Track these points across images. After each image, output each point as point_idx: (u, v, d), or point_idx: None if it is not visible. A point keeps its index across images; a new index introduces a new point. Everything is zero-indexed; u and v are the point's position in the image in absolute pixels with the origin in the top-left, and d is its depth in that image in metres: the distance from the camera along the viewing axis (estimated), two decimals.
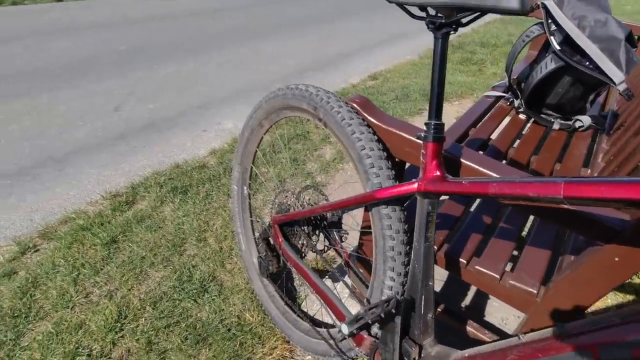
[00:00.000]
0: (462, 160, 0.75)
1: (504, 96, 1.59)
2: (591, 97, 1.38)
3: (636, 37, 1.88)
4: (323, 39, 4.85)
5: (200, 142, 2.38)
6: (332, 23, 5.78)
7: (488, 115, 1.50)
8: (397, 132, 0.81)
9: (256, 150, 1.18)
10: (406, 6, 0.62)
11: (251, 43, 4.58)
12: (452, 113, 2.77)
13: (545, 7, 1.25)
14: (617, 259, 0.67)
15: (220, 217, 1.63)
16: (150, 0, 7.84)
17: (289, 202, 1.04)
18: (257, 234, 1.30)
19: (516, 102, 1.53)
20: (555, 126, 1.44)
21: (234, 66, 3.77)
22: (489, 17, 6.56)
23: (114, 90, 3.11)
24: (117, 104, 2.88)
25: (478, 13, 0.56)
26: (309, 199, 1.05)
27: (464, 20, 0.58)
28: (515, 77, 1.59)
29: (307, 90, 0.89)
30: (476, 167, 0.74)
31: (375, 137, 0.79)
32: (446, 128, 0.68)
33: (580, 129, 1.42)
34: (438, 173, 0.65)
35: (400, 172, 0.92)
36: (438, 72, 0.63)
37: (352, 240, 1.48)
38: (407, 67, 3.75)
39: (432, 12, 0.62)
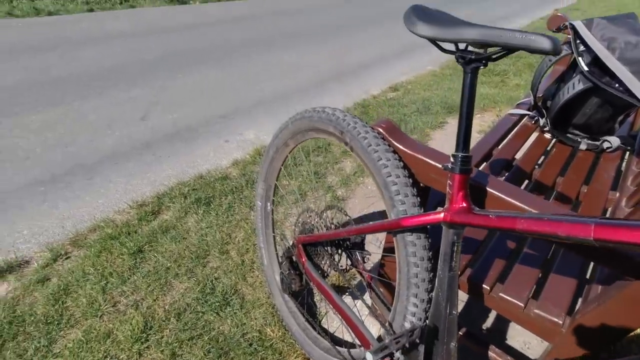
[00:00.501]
0: (488, 189, 0.75)
1: (528, 114, 1.57)
2: (620, 118, 1.35)
3: None
4: (343, 49, 4.88)
5: (222, 153, 2.43)
6: (354, 32, 5.81)
7: (512, 133, 1.49)
8: (423, 158, 0.82)
9: (281, 168, 1.21)
10: (437, 41, 0.63)
11: (274, 52, 4.66)
12: (475, 126, 2.74)
13: (573, 28, 1.23)
14: None
15: (242, 229, 1.67)
16: (177, 10, 8.08)
17: (312, 222, 1.06)
18: (279, 250, 1.32)
19: (541, 121, 1.51)
20: (582, 146, 1.41)
21: (255, 76, 3.84)
22: (515, 24, 6.47)
23: (141, 99, 3.22)
24: (144, 113, 2.98)
25: (507, 50, 0.57)
26: (332, 218, 1.06)
27: (494, 56, 0.59)
28: (540, 95, 1.57)
29: (333, 114, 0.91)
30: (502, 196, 0.74)
31: (401, 164, 0.80)
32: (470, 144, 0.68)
33: (609, 150, 1.39)
34: (464, 205, 0.66)
35: (425, 196, 0.92)
36: (466, 106, 0.64)
37: (374, 257, 1.49)
38: (428, 78, 3.73)
39: (462, 46, 0.63)
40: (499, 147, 1.41)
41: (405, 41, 5.22)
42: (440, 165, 0.80)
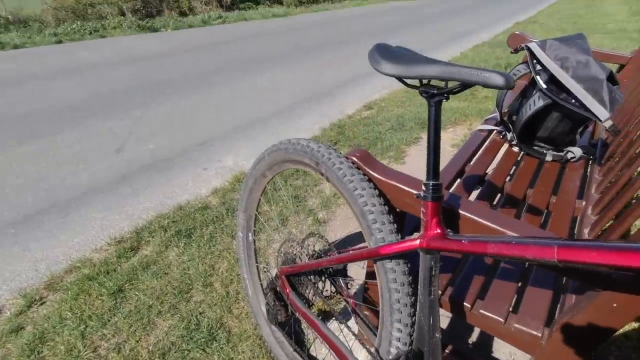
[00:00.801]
0: (461, 212, 0.78)
1: (496, 129, 1.64)
2: (580, 130, 1.43)
3: (618, 65, 1.96)
4: (318, 70, 4.99)
5: (201, 181, 2.42)
6: (328, 53, 5.95)
7: (482, 149, 1.55)
8: (397, 185, 0.85)
9: (260, 198, 1.21)
10: (402, 79, 0.66)
11: (249, 77, 4.71)
12: (447, 140, 2.83)
13: (529, 49, 1.32)
14: (615, 305, 0.69)
15: (225, 260, 1.65)
16: (148, 38, 8.08)
17: (294, 252, 1.07)
18: (264, 280, 1.31)
19: (509, 135, 1.58)
20: (548, 158, 1.48)
21: (231, 101, 3.86)
22: (478, 39, 6.76)
23: (116, 130, 3.18)
24: (119, 145, 2.94)
25: (466, 86, 0.61)
26: (314, 246, 1.07)
27: (454, 90, 0.63)
28: (505, 111, 1.65)
29: (308, 145, 0.93)
30: (475, 218, 0.77)
31: (377, 192, 0.83)
32: (442, 159, 0.70)
33: (572, 160, 1.46)
34: (439, 231, 0.68)
35: (402, 221, 0.94)
36: (433, 136, 0.67)
37: (359, 278, 1.49)
38: (401, 94, 3.84)
39: (425, 81, 0.66)
40: (471, 163, 1.46)
41: None
42: (414, 192, 0.82)
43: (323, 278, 1.05)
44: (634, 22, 8.01)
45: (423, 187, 0.69)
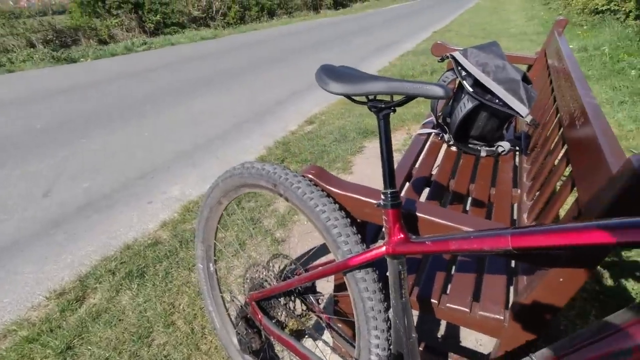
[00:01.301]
0: (418, 214, 0.83)
1: (434, 132, 1.76)
2: (505, 126, 1.58)
3: (527, 65, 2.21)
4: (255, 89, 4.98)
5: (147, 216, 2.28)
6: (263, 72, 5.97)
7: (425, 151, 1.65)
8: (356, 196, 0.87)
9: (217, 226, 1.18)
10: (350, 96, 0.70)
11: (183, 102, 4.57)
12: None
13: (453, 58, 1.44)
14: (561, 279, 0.77)
15: (185, 295, 1.57)
16: (66, 70, 7.54)
17: (261, 276, 1.05)
18: (231, 310, 1.27)
19: (446, 137, 1.71)
20: (483, 153, 1.62)
21: (169, 128, 3.71)
22: (403, 49, 7.21)
23: (40, 173, 2.90)
24: (46, 188, 2.68)
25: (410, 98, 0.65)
26: (280, 267, 1.06)
27: (400, 103, 0.67)
28: (439, 114, 1.77)
29: (263, 168, 0.93)
30: (432, 219, 0.82)
31: (337, 206, 0.85)
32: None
33: (503, 153, 1.61)
34: (402, 236, 0.72)
35: (364, 231, 0.97)
36: (385, 146, 0.71)
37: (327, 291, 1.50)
38: (340, 106, 3.97)
39: (371, 96, 0.70)
40: (416, 165, 1.55)
41: (311, 76, 5.51)
42: (373, 202, 0.86)
43: (293, 297, 1.05)
44: (531, 26, 9.08)
45: (382, 196, 0.72)
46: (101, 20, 12.17)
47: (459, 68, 1.44)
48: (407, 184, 1.44)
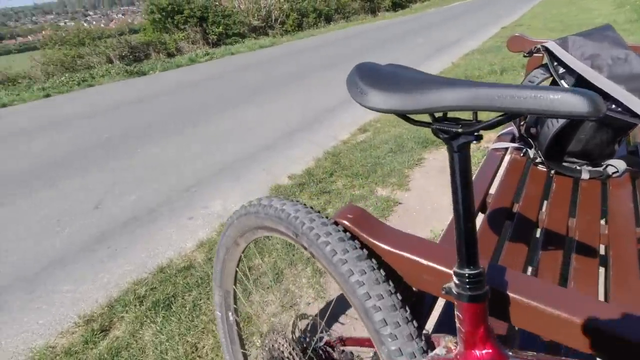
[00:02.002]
0: (509, 294, 0.52)
1: (514, 146, 1.40)
2: (619, 139, 1.18)
3: None
4: (307, 96, 4.82)
5: (186, 233, 2.16)
6: (315, 78, 5.81)
7: (503, 173, 1.30)
8: (411, 257, 0.59)
9: (236, 271, 0.96)
10: (405, 114, 0.42)
11: (235, 110, 4.54)
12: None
13: (548, 50, 1.09)
14: None
15: (210, 334, 1.37)
16: (136, 82, 8.04)
17: (280, 349, 0.80)
18: None
19: (531, 153, 1.34)
20: (584, 175, 1.23)
21: (218, 138, 3.66)
22: (467, 48, 6.64)
23: (95, 184, 2.95)
24: (98, 200, 2.70)
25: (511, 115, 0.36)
26: (305, 334, 0.80)
27: (490, 123, 0.38)
28: (523, 123, 1.41)
29: (282, 209, 0.68)
30: (533, 304, 0.51)
31: (382, 274, 0.57)
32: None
33: (615, 175, 1.21)
34: (489, 350, 0.42)
35: (420, 301, 0.68)
36: (462, 199, 0.42)
37: None
38: None
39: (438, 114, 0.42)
40: (492, 191, 1.21)
41: None
42: (435, 266, 0.57)
43: None
44: (622, 14, 7.92)
45: (455, 279, 0.43)
46: (170, 34, 13.00)
47: (555, 63, 1.08)
48: (482, 216, 1.10)
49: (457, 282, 0.43)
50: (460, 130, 0.39)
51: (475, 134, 0.40)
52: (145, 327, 1.45)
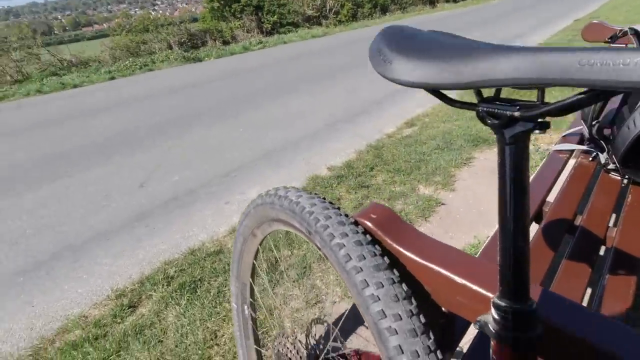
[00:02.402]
0: (562, 330, 0.40)
1: (582, 149, 1.21)
2: None
3: None
4: (355, 86, 4.69)
5: (221, 217, 2.17)
6: (364, 68, 5.66)
7: (567, 179, 1.12)
8: (442, 271, 0.49)
9: (253, 263, 0.90)
10: (441, 89, 0.32)
11: (282, 99, 4.54)
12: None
13: (637, 34, 0.90)
14: None
15: (231, 323, 1.34)
16: (192, 68, 8.34)
17: (289, 355, 0.73)
18: None
19: (602, 157, 1.15)
20: None
21: (263, 125, 3.66)
22: (532, 42, 6.11)
23: (144, 163, 3.07)
24: (144, 179, 2.81)
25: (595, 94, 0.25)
26: (318, 342, 0.72)
27: (561, 106, 0.27)
28: (595, 122, 1.21)
29: (297, 202, 0.60)
30: (590, 342, 0.39)
31: (404, 290, 0.47)
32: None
33: None
34: None
35: (451, 324, 0.58)
36: (513, 209, 0.31)
37: None
38: (447, 107, 3.41)
39: (485, 93, 0.31)
40: (551, 199, 1.05)
41: None
42: (472, 287, 0.46)
43: None
44: None
45: (493, 312, 0.33)
46: (227, 23, 13.35)
47: None
48: (537, 228, 0.95)
49: (496, 316, 0.33)
50: (517, 114, 0.29)
51: (540, 120, 0.29)
52: (169, 308, 1.45)
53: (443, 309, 0.53)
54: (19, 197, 2.71)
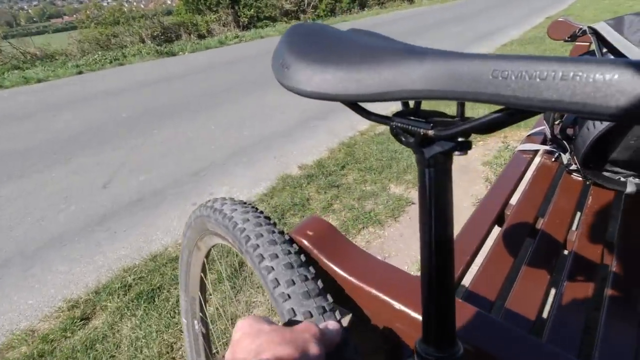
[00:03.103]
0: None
1: (545, 149, 1.19)
2: None
3: None
4: None
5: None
6: None
7: (529, 180, 1.10)
8: (381, 296, 0.44)
9: (201, 276, 0.84)
10: (360, 104, 0.27)
11: (256, 94, 4.44)
12: (478, 157, 2.36)
13: (595, 32, 0.88)
14: None
15: None
16: (165, 63, 8.09)
17: None
18: None
19: (565, 158, 1.13)
20: (630, 189, 1.02)
21: (235, 122, 3.56)
22: (507, 37, 6.20)
23: (108, 162, 2.94)
24: (108, 179, 2.68)
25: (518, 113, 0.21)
26: None
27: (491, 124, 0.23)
28: (557, 122, 1.20)
29: (230, 215, 0.54)
30: None
31: (338, 318, 0.43)
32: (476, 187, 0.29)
33: None
34: None
35: (397, 352, 0.53)
36: (435, 243, 0.26)
37: None
38: (423, 104, 3.40)
39: (403, 106, 0.27)
40: (513, 202, 1.03)
41: None
42: (412, 314, 0.41)
43: None
44: None
45: (416, 357, 0.28)
46: (202, 16, 13.01)
47: (605, 50, 0.87)
48: (498, 231, 0.93)
49: (422, 355, 0.28)
50: (430, 132, 0.24)
51: (460, 139, 0.24)
52: (124, 320, 1.37)
53: (380, 327, 0.48)
54: None
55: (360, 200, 1.99)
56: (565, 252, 0.93)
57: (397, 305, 0.43)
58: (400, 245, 1.69)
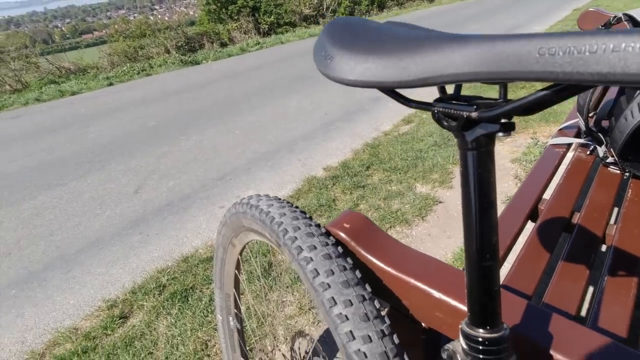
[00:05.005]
0: (556, 355, 0.36)
1: (579, 142, 1.16)
2: None
3: None
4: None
5: (215, 222, 2.13)
6: None
7: (563, 174, 1.08)
8: (419, 285, 0.45)
9: (235, 273, 0.86)
10: (394, 89, 0.28)
11: (279, 99, 4.50)
12: (505, 154, 2.30)
13: (631, 19, 0.85)
14: None
15: None
16: (189, 71, 8.32)
17: None
18: None
19: (601, 151, 1.10)
20: None
21: (259, 127, 3.62)
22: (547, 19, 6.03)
23: (138, 169, 3.05)
24: (139, 185, 2.78)
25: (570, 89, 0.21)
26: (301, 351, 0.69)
27: (530, 104, 0.23)
28: (591, 115, 1.17)
29: (267, 211, 0.56)
30: None
31: (376, 307, 0.43)
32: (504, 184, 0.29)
33: None
34: None
35: (435, 340, 0.53)
36: (478, 225, 0.27)
37: None
38: None
39: (446, 90, 0.27)
40: (547, 197, 1.00)
41: None
42: (452, 302, 0.42)
43: None
44: None
45: (462, 341, 0.29)
46: (223, 25, 13.32)
47: None
48: (532, 227, 0.91)
49: (464, 345, 0.29)
50: (474, 114, 0.24)
51: (503, 120, 0.24)
52: (160, 319, 1.42)
53: (423, 324, 0.48)
54: (13, 207, 2.70)
55: (386, 200, 1.98)
56: (604, 247, 0.90)
57: (437, 294, 0.43)
58: (428, 245, 1.68)
